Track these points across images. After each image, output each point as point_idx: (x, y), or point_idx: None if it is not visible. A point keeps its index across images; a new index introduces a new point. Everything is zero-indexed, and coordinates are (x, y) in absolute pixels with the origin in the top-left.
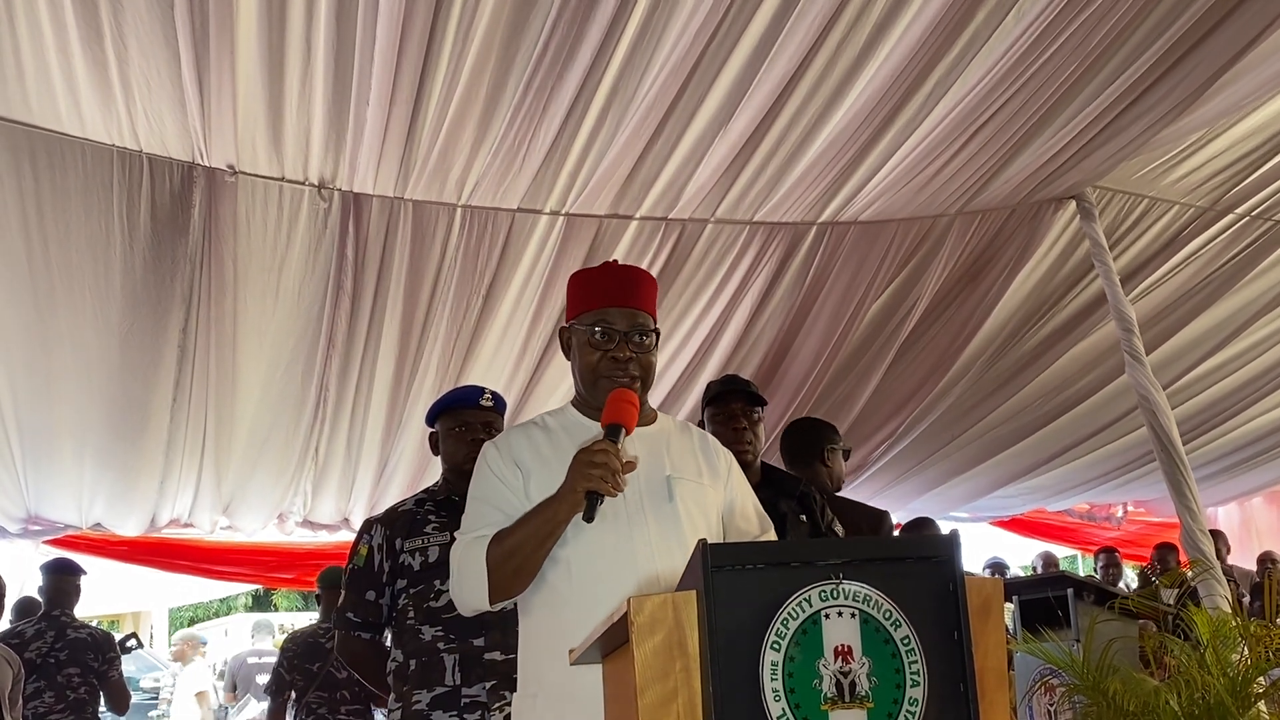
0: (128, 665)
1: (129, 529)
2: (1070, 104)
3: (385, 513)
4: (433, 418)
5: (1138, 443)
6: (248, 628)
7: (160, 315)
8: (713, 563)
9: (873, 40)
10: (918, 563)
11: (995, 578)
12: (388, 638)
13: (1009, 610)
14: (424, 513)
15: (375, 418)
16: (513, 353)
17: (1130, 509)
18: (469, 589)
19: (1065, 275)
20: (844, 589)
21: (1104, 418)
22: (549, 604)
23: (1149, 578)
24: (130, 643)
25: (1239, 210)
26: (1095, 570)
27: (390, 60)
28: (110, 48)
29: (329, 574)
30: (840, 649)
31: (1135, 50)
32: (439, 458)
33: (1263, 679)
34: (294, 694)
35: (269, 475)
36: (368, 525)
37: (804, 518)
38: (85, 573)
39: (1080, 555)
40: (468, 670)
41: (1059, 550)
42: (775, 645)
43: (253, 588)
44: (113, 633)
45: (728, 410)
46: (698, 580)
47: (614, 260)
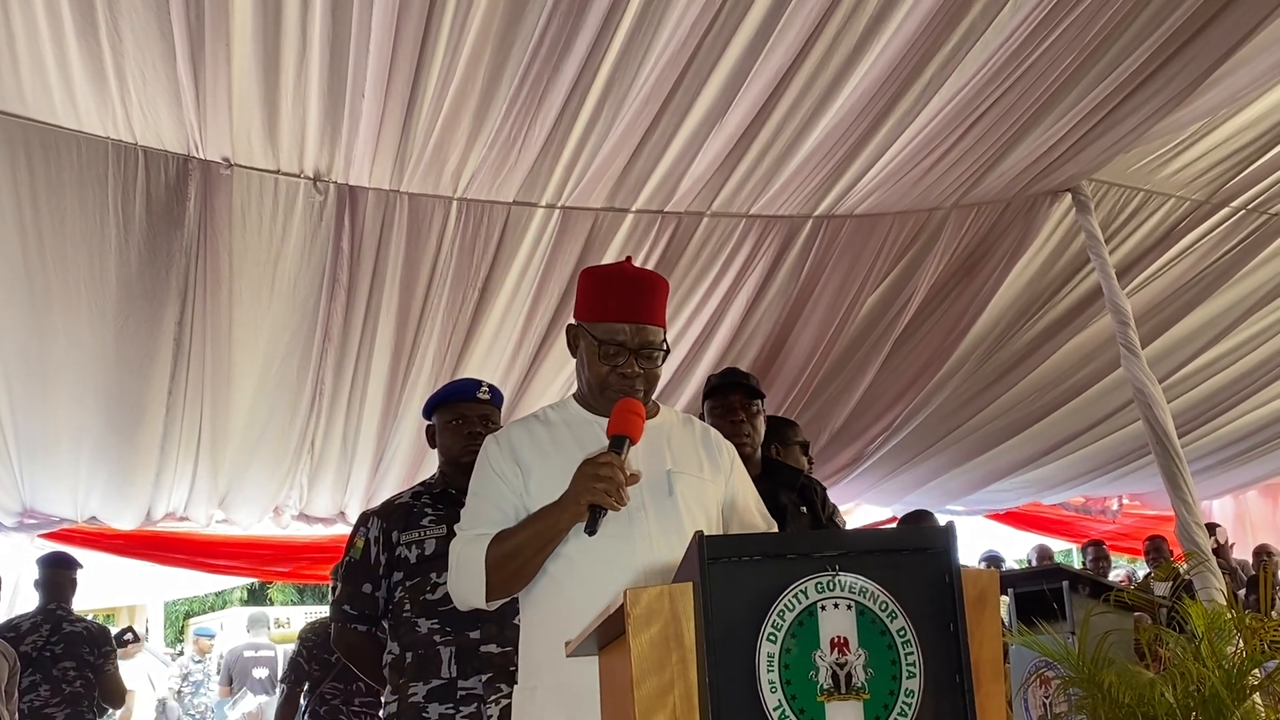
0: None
1: (124, 522)
2: (1066, 97)
3: (382, 505)
4: (429, 411)
5: (1133, 436)
6: (243, 621)
7: (155, 308)
8: (709, 555)
9: (868, 33)
10: (914, 554)
11: (991, 569)
12: (385, 630)
13: (1004, 603)
14: (421, 506)
15: (371, 411)
16: (509, 345)
17: (1126, 502)
18: (467, 587)
19: (1061, 268)
20: (840, 581)
21: (1100, 411)
22: (550, 597)
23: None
24: (127, 636)
25: (1235, 203)
26: (1084, 563)
27: (385, 53)
28: (105, 40)
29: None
30: (836, 640)
31: (1131, 43)
32: (436, 451)
33: (1258, 671)
34: (308, 684)
35: (264, 469)
36: (364, 518)
37: (804, 510)
38: (81, 566)
39: (1076, 549)
40: (464, 663)
41: (1054, 543)
42: (771, 637)
43: (248, 581)
44: (109, 626)
45: (727, 403)
46: (694, 572)
47: (629, 259)
